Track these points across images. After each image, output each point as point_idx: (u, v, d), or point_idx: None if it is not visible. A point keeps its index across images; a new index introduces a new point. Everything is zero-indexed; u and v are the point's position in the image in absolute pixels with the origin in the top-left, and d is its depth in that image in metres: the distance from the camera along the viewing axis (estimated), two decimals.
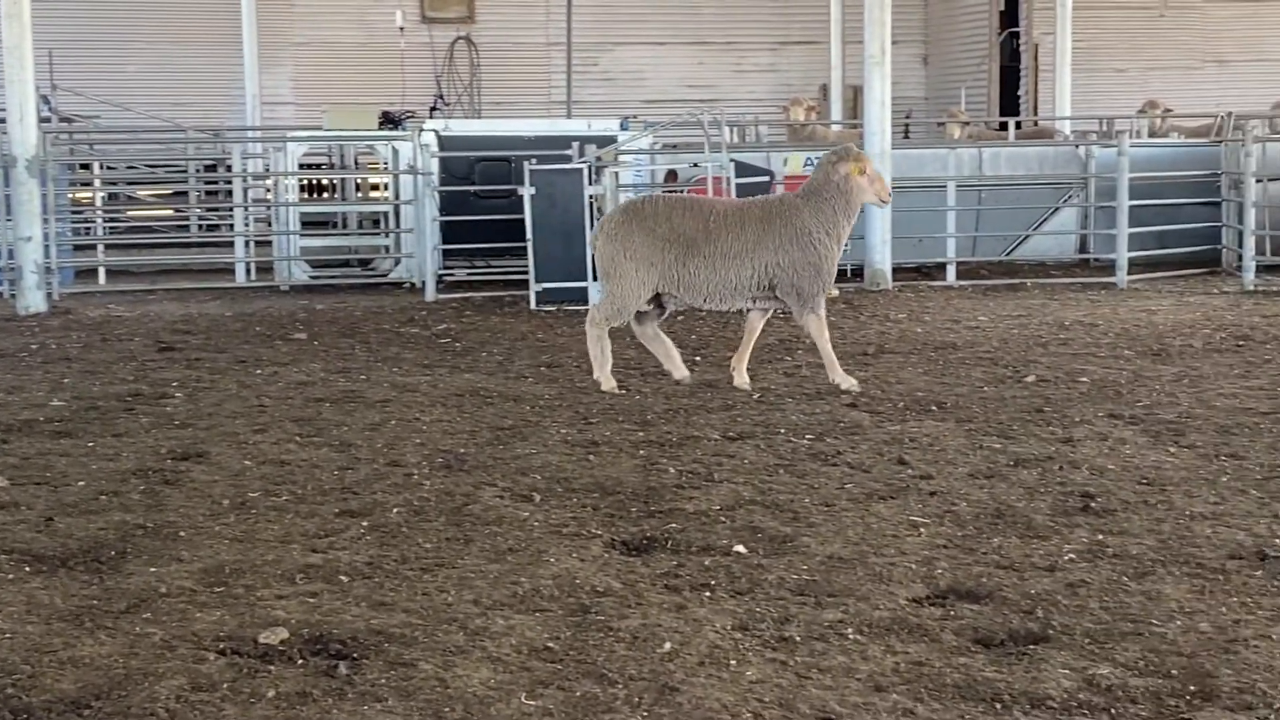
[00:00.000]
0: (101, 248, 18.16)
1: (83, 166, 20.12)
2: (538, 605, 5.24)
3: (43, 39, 16.64)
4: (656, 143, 17.78)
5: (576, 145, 15.06)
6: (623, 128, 17.26)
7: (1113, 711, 4.29)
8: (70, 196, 18.84)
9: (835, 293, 9.22)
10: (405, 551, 5.91)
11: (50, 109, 21.86)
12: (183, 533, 6.22)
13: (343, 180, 20.82)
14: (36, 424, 8.62)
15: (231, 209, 19.18)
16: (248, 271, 17.25)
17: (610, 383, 9.54)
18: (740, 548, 5.92)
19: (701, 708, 4.32)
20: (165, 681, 4.52)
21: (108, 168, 20.99)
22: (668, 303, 9.65)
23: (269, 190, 18.30)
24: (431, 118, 20.07)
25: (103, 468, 7.43)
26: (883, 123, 15.42)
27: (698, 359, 10.72)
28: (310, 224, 19.18)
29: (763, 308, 9.60)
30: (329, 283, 16.81)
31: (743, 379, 9.57)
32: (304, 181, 21.53)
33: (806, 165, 17.06)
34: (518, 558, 5.82)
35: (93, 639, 4.91)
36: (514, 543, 6.02)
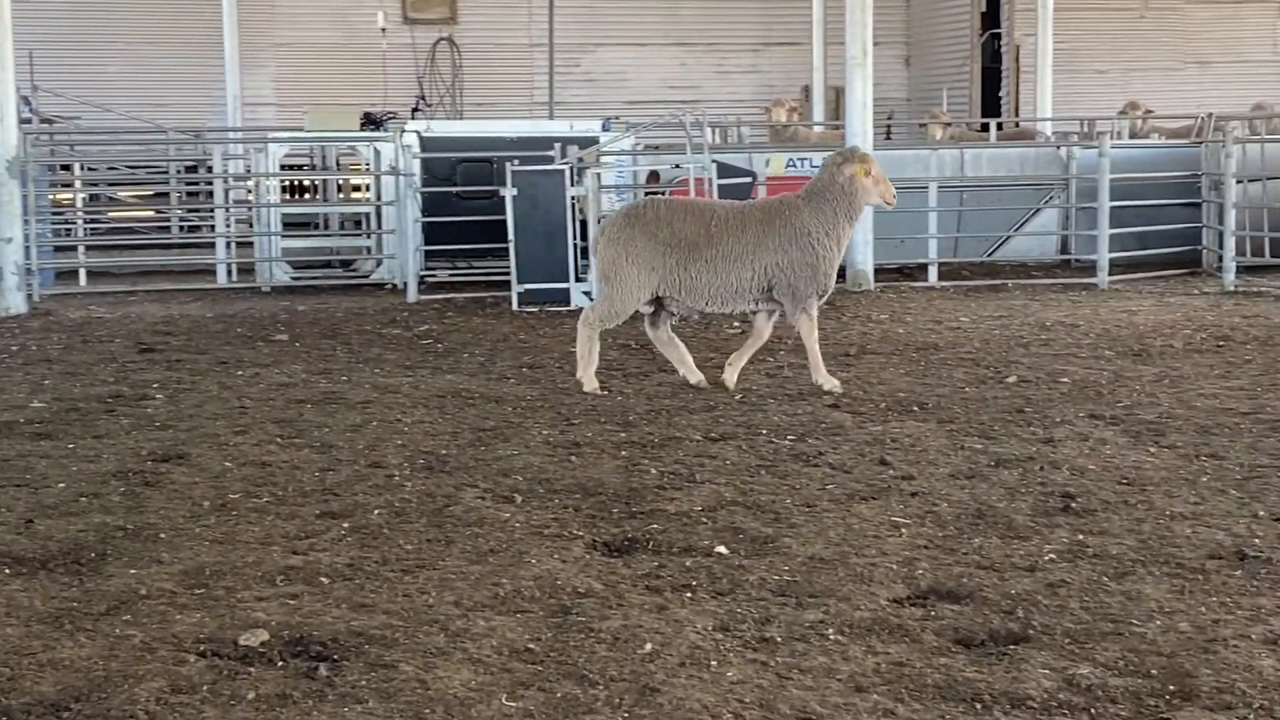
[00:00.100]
0: (82, 249, 18.12)
1: (63, 167, 20.08)
2: (519, 606, 5.23)
3: (23, 39, 16.58)
4: (638, 144, 17.79)
5: (558, 146, 15.05)
6: (605, 129, 17.26)
7: (1093, 711, 4.30)
8: (51, 198, 18.82)
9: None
10: (386, 553, 5.90)
11: (31, 110, 21.77)
12: (163, 534, 6.20)
13: (324, 181, 20.77)
14: (16, 425, 8.59)
15: (213, 210, 19.13)
16: (229, 273, 17.22)
17: (593, 384, 9.53)
18: (722, 548, 5.92)
19: (682, 708, 4.32)
20: (145, 683, 4.51)
21: (88, 169, 20.94)
22: (670, 307, 9.63)
23: (250, 191, 18.27)
24: (413, 118, 20.05)
25: (83, 469, 7.41)
26: (864, 124, 15.43)
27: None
28: (292, 225, 19.15)
29: (767, 309, 9.59)
30: (310, 284, 16.78)
31: (732, 379, 9.57)
32: (285, 182, 21.46)
33: (789, 166, 17.10)
34: (499, 559, 5.81)
35: (72, 641, 4.90)
36: (495, 544, 6.02)
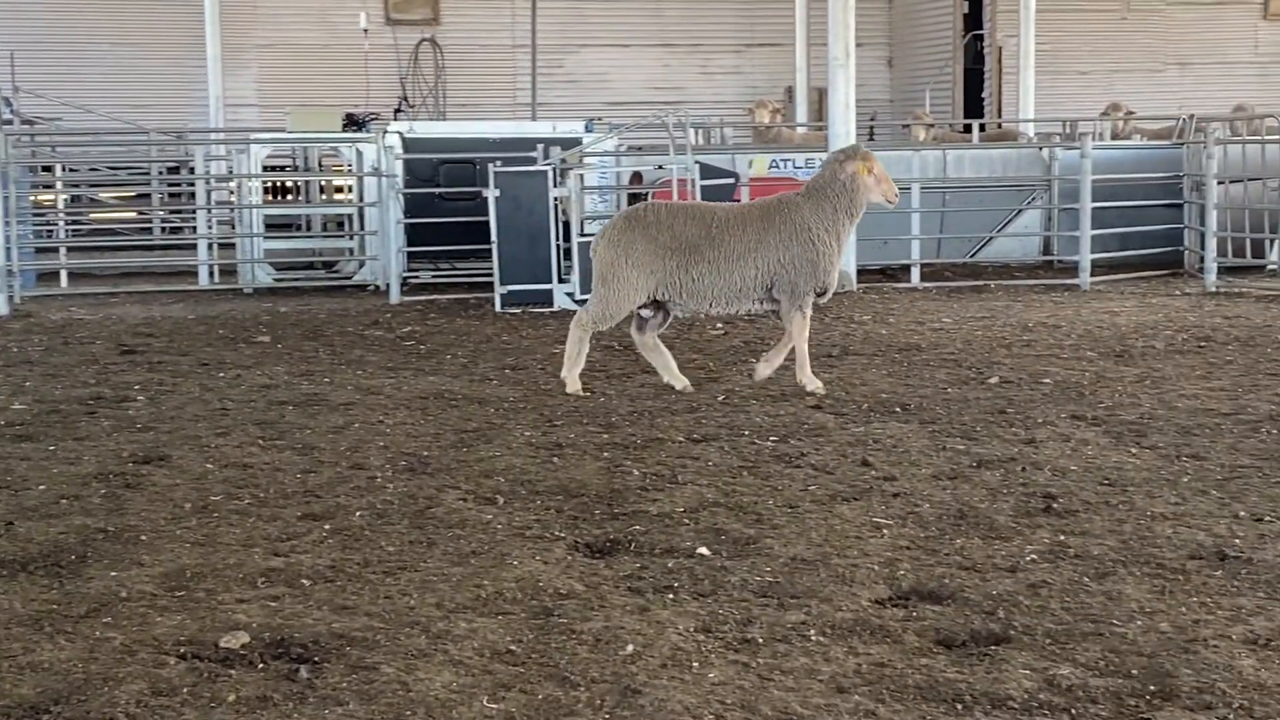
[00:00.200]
0: (64, 250, 18.10)
1: (45, 169, 20.03)
2: (500, 608, 5.23)
3: (4, 41, 16.57)
4: (621, 145, 17.79)
5: (541, 147, 15.05)
6: (588, 130, 17.26)
7: (1073, 712, 4.31)
8: (32, 199, 18.75)
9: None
10: (368, 555, 5.89)
11: (12, 111, 21.71)
12: (144, 536, 6.19)
13: (307, 182, 20.75)
14: None
15: (194, 211, 19.09)
16: (211, 274, 17.18)
17: (575, 385, 9.53)
18: (703, 549, 5.92)
19: (663, 710, 4.32)
20: (125, 686, 4.50)
21: (70, 170, 20.89)
22: (673, 310, 9.62)
23: (232, 193, 18.23)
24: (396, 119, 20.02)
25: (63, 471, 7.39)
26: (847, 125, 15.44)
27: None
28: (274, 226, 19.12)
29: (772, 308, 9.60)
30: (293, 285, 16.77)
31: (764, 375, 9.68)
32: (268, 184, 21.44)
33: (772, 167, 17.11)
34: (480, 560, 5.81)
35: (52, 643, 4.88)
36: (477, 545, 6.01)
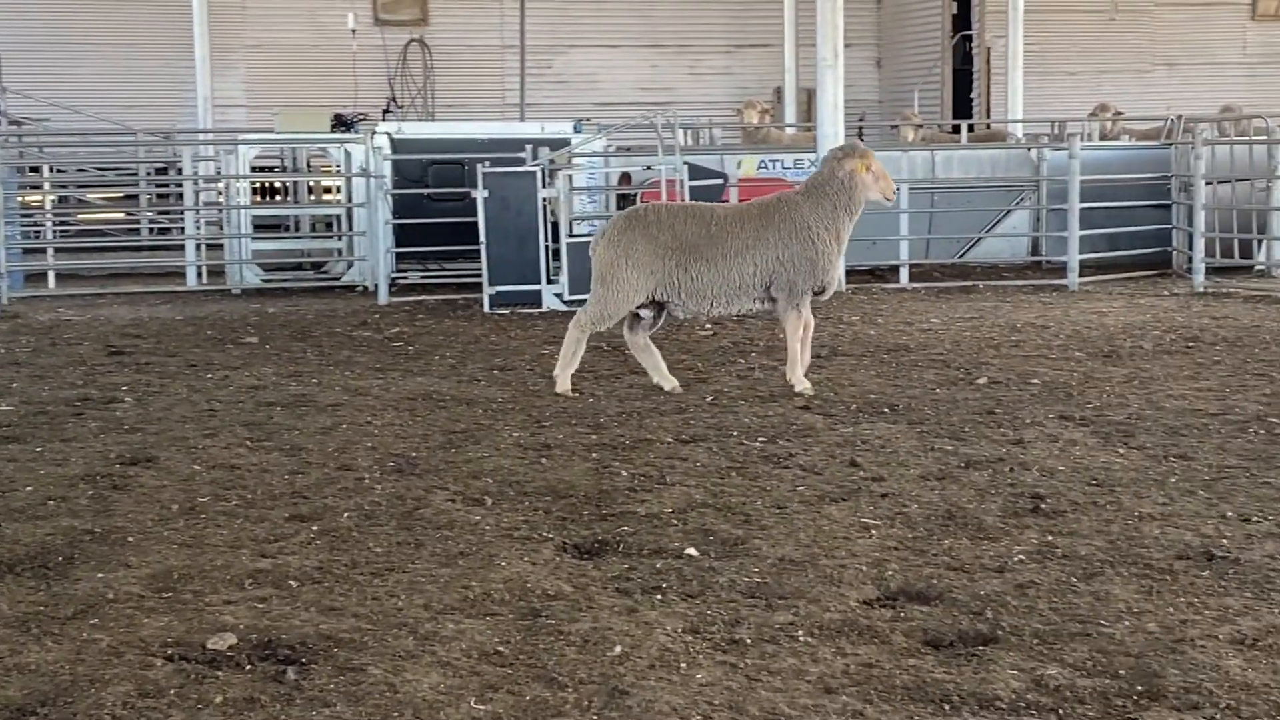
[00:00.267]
0: (51, 251, 18.05)
1: (32, 170, 19.98)
2: (488, 609, 5.22)
3: None
4: (610, 145, 17.79)
5: (530, 148, 15.05)
6: (576, 130, 17.26)
7: (1060, 712, 4.31)
8: (20, 200, 18.72)
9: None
10: (355, 556, 5.88)
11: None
12: (131, 538, 6.17)
13: (295, 183, 20.74)
14: None
15: (183, 212, 19.08)
16: (199, 275, 17.18)
17: (566, 386, 9.52)
18: (691, 550, 5.92)
19: (651, 710, 4.31)
20: (112, 688, 4.49)
21: (58, 171, 20.87)
22: (673, 310, 9.61)
23: (220, 193, 18.21)
24: (384, 120, 20.01)
25: (51, 473, 7.37)
26: (836, 125, 15.45)
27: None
28: (262, 227, 19.10)
29: (771, 307, 9.60)
30: (281, 286, 16.76)
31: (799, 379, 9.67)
32: (256, 184, 21.41)
33: (760, 168, 17.13)
34: (468, 562, 5.80)
35: (39, 645, 4.87)
36: (465, 547, 6.01)
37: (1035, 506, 6.54)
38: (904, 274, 16.16)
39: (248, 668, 4.68)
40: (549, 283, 14.31)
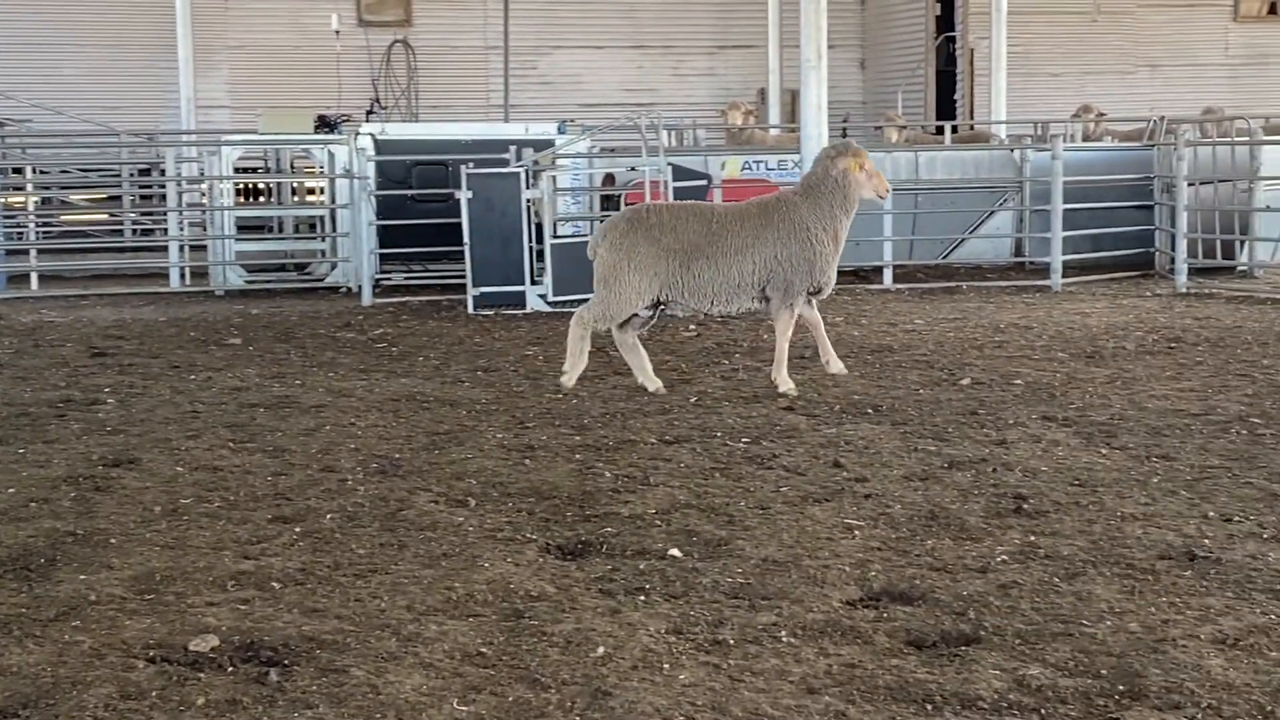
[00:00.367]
0: (34, 253, 18.00)
1: (15, 170, 19.92)
2: (471, 610, 5.22)
3: None
4: (594, 146, 17.79)
5: (514, 149, 15.05)
6: (560, 131, 17.26)
7: (1043, 712, 4.32)
8: (2, 201, 18.66)
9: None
10: (338, 557, 5.88)
11: None
12: (113, 540, 6.16)
13: (278, 184, 20.70)
14: None
15: (166, 213, 19.04)
16: (182, 276, 17.15)
17: (571, 384, 9.52)
18: (675, 551, 5.92)
19: (634, 711, 4.31)
20: (94, 690, 4.48)
21: (41, 172, 20.80)
22: (673, 309, 9.64)
23: (204, 194, 18.18)
24: (368, 121, 19.98)
25: (33, 474, 7.35)
26: (819, 127, 15.43)
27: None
28: (246, 228, 19.06)
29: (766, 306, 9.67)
30: (264, 287, 16.74)
31: (837, 367, 9.93)
32: (239, 185, 21.36)
33: (744, 169, 17.13)
34: (452, 563, 5.80)
35: (21, 647, 4.86)
36: (448, 548, 6.00)
37: (1018, 507, 6.55)
38: (888, 275, 16.18)
39: (230, 669, 4.67)
40: (533, 284, 14.30)
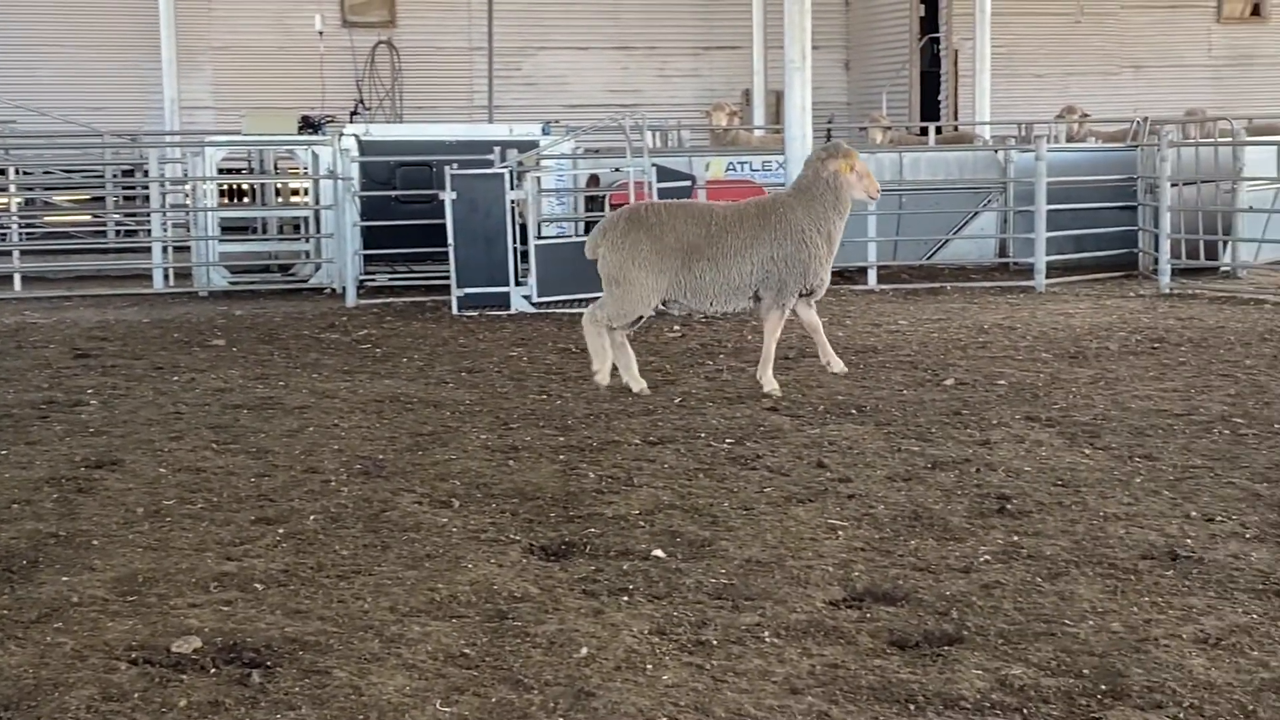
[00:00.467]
0: (17, 254, 17.95)
1: None
2: (454, 611, 5.22)
3: None
4: (579, 147, 17.79)
5: (498, 150, 15.04)
6: (545, 132, 17.25)
7: (1025, 711, 4.33)
8: None
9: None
10: (321, 559, 5.87)
11: None
12: (96, 541, 6.15)
13: (262, 185, 20.65)
14: None
15: (149, 214, 19.00)
16: (165, 277, 17.11)
17: (606, 380, 9.54)
18: (659, 552, 5.92)
19: (617, 712, 4.31)
20: (76, 691, 4.47)
21: (23, 173, 20.74)
22: (672, 308, 9.67)
23: (187, 195, 18.14)
24: (352, 122, 19.95)
25: (15, 476, 7.33)
26: (804, 128, 15.44)
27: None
28: (229, 229, 19.02)
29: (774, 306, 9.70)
30: (248, 288, 16.71)
31: (840, 365, 9.97)
32: (223, 186, 21.31)
33: (729, 170, 17.14)
34: (435, 564, 5.79)
35: (2, 649, 4.85)
36: (432, 549, 6.00)
37: (1001, 507, 6.56)
38: (872, 276, 16.19)
39: (212, 671, 4.66)
40: (517, 285, 14.29)
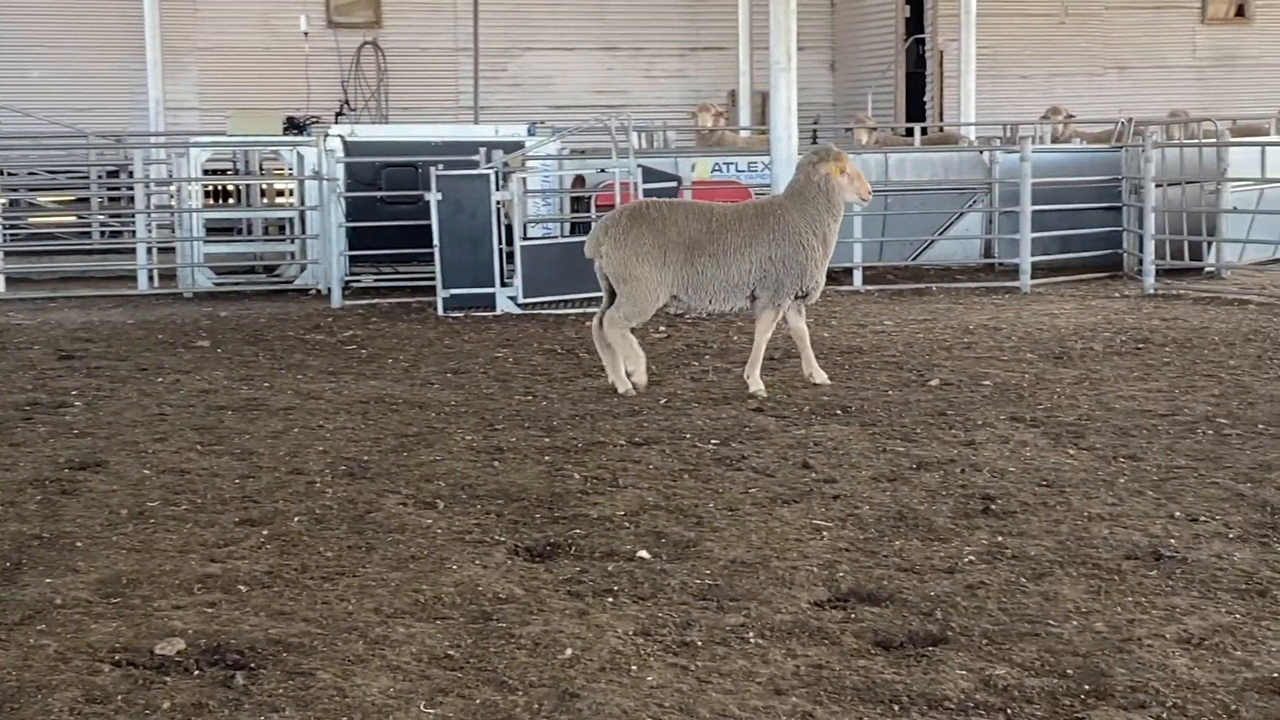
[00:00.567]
0: (1, 255, 17.90)
1: None
2: (439, 613, 5.21)
3: None
4: (564, 148, 17.78)
5: (484, 151, 15.02)
6: (530, 133, 17.24)
7: (1009, 711, 4.33)
8: None
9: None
10: (306, 560, 5.86)
11: None
12: (79, 543, 6.14)
13: (247, 186, 20.62)
14: None
15: (134, 215, 18.95)
16: (150, 279, 17.07)
17: (643, 380, 9.58)
18: (643, 553, 5.92)
19: (602, 713, 4.31)
20: (59, 693, 4.46)
21: (8, 174, 20.69)
22: (672, 306, 9.71)
23: (172, 196, 18.11)
24: (337, 123, 19.93)
25: None
26: (789, 128, 15.44)
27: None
28: (214, 230, 18.98)
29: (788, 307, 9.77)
30: (233, 289, 16.67)
31: (821, 377, 9.88)
32: (208, 187, 21.27)
33: (714, 171, 17.15)
34: (420, 565, 5.79)
35: None
36: (416, 550, 5.99)
37: (986, 507, 6.57)
38: (858, 276, 16.20)
39: (196, 673, 4.65)
40: (503, 286, 14.28)
